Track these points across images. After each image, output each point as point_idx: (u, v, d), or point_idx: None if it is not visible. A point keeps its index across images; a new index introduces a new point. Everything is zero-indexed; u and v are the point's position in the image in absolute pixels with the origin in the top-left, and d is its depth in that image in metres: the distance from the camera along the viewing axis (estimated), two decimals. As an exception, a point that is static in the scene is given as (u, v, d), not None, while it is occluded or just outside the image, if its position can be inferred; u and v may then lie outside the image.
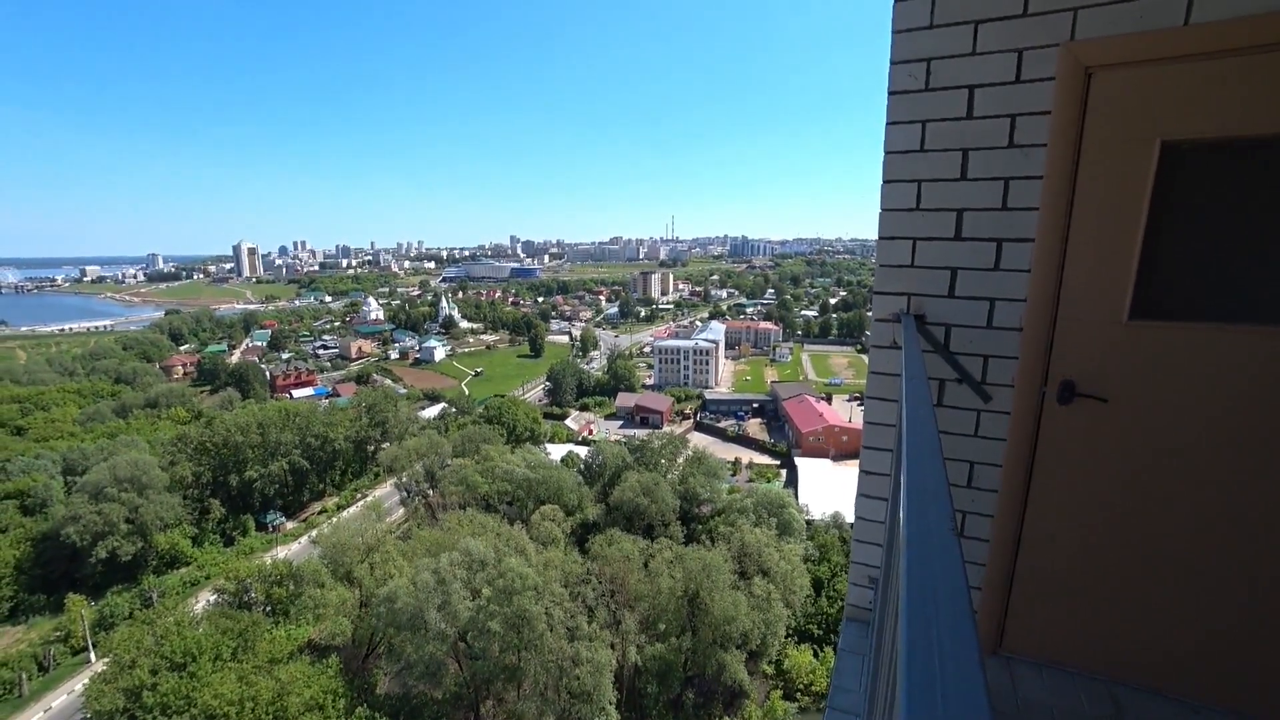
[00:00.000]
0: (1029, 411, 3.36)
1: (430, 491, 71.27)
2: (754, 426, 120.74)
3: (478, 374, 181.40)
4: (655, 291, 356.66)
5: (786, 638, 45.32)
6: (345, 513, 74.69)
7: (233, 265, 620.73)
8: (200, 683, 36.56)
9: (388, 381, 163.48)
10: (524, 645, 37.88)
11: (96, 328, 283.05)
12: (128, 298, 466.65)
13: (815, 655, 44.98)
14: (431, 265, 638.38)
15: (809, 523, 64.07)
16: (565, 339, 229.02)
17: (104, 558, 61.12)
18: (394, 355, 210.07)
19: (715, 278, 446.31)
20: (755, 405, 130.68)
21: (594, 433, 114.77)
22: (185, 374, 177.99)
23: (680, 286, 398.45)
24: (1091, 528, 3.29)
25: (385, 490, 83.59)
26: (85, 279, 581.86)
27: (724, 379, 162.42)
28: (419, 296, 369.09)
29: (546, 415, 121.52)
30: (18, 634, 56.47)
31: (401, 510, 73.64)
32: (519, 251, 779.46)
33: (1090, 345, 3.19)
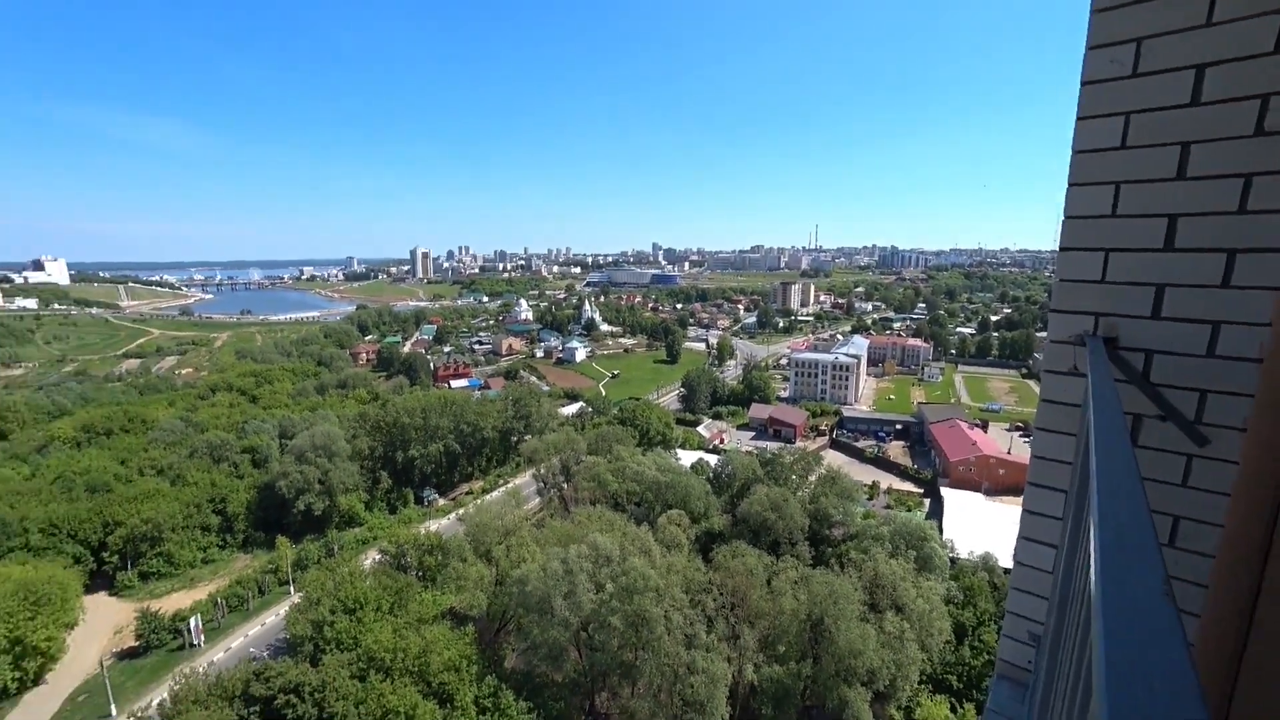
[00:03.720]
0: (1271, 462, 2.70)
1: (565, 485, 75.14)
2: (896, 449, 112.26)
3: (615, 376, 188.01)
4: (795, 302, 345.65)
5: (920, 684, 41.40)
6: (489, 496, 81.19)
7: (409, 267, 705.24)
8: (365, 627, 41.94)
9: (533, 378, 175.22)
10: (642, 645, 38.45)
11: (307, 318, 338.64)
12: (330, 294, 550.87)
13: (953, 709, 40.52)
14: (578, 270, 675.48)
15: (953, 560, 58.07)
16: (701, 346, 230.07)
17: (302, 510, 72.92)
18: (539, 354, 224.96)
19: (860, 289, 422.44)
20: (898, 426, 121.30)
21: (725, 442, 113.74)
22: (368, 360, 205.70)
23: (822, 298, 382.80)
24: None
25: (524, 480, 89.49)
26: (303, 277, 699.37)
27: (865, 396, 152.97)
28: (565, 299, 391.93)
29: (679, 421, 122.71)
30: (247, 561, 69.69)
31: (538, 499, 78.40)
32: (660, 258, 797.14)
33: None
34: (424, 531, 59.57)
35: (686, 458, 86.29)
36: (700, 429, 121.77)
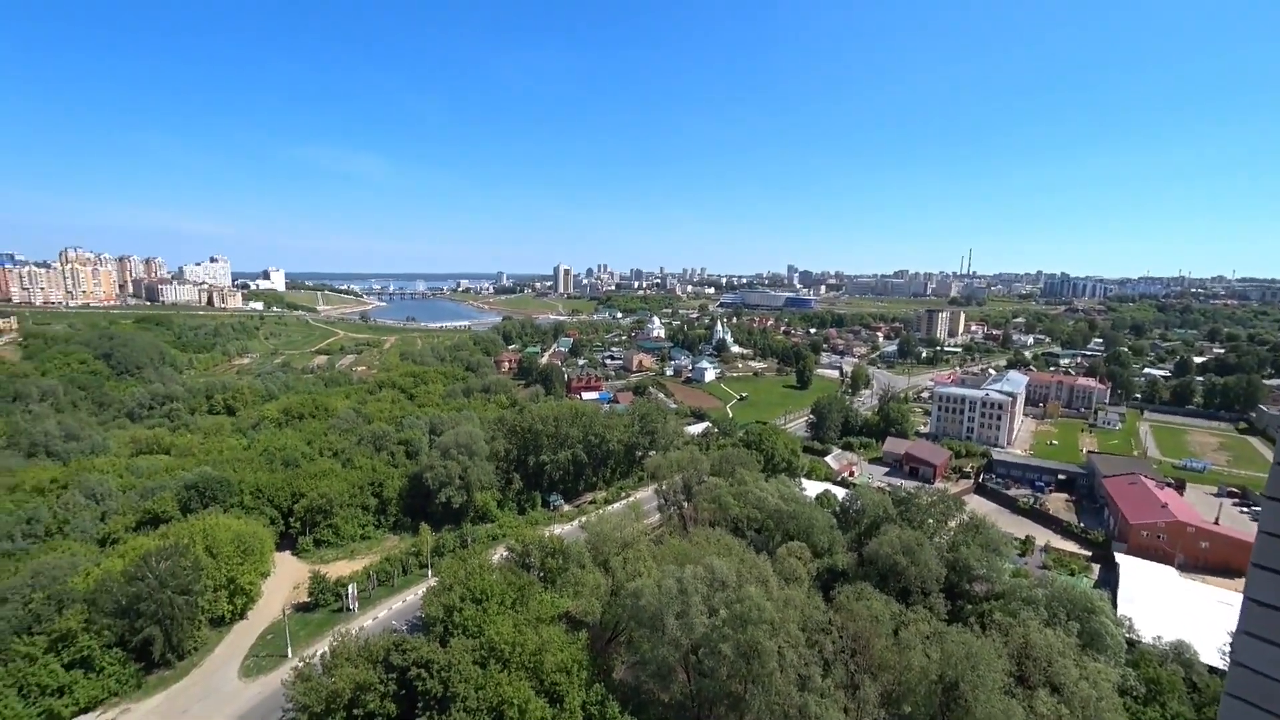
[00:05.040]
0: None
1: (685, 503, 74.88)
2: (1057, 502, 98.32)
3: (743, 398, 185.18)
4: (941, 331, 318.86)
5: (1083, 783, 35.44)
6: (610, 507, 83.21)
7: (551, 282, 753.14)
8: (489, 618, 44.71)
9: (660, 395, 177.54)
10: (752, 678, 36.97)
11: (460, 326, 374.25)
12: (481, 305, 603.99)
13: (1128, 821, 34.22)
14: (711, 291, 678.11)
15: (1131, 643, 49.31)
16: (835, 374, 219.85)
17: (443, 501, 79.96)
18: (669, 371, 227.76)
19: (1020, 320, 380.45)
20: (1061, 476, 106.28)
21: (855, 475, 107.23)
22: (509, 369, 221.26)
23: (973, 328, 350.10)
24: None
25: (646, 494, 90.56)
26: (458, 290, 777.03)
27: (1020, 439, 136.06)
28: (697, 319, 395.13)
29: (806, 449, 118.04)
30: (395, 541, 77.79)
31: (657, 515, 78.84)
32: (795, 281, 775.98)
33: None
34: (548, 534, 62.44)
35: (812, 488, 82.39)
36: (828, 459, 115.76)
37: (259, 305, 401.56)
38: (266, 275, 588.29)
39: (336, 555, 72.95)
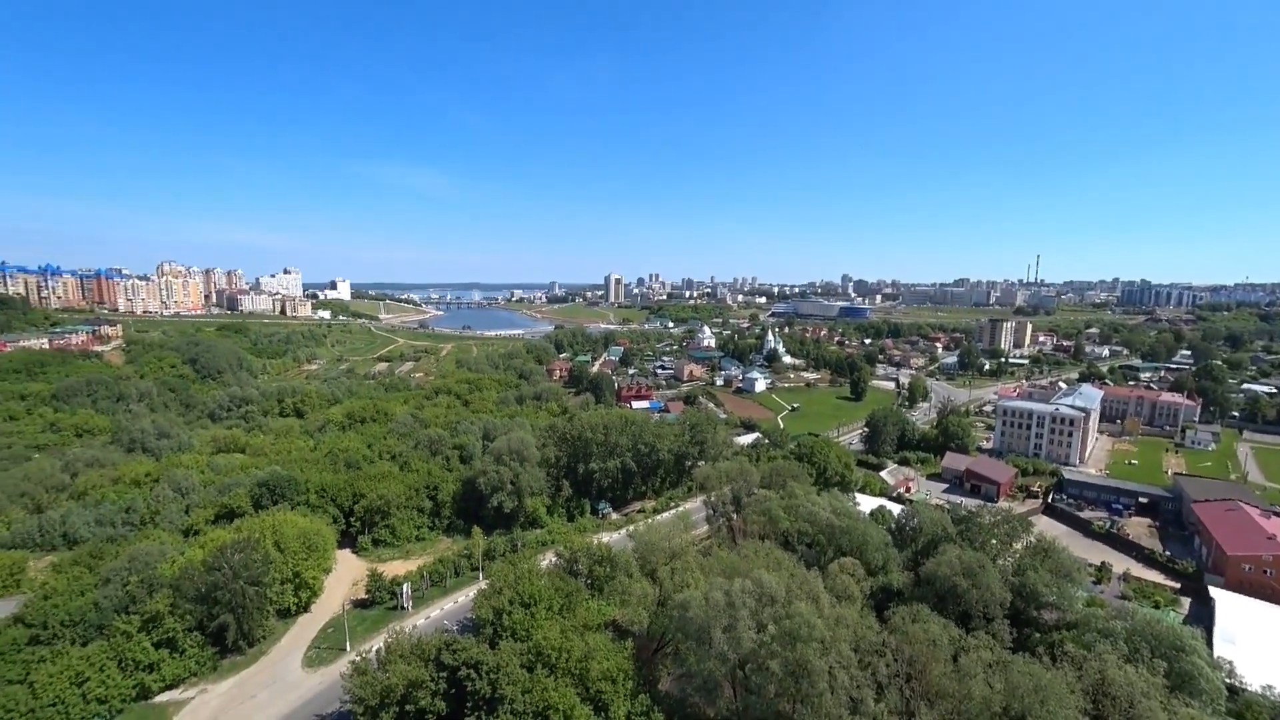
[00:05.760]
0: None
1: (734, 515, 73.92)
2: (1138, 527, 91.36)
3: (794, 409, 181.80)
4: (1006, 342, 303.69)
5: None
6: (659, 517, 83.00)
7: (603, 292, 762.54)
8: (536, 623, 45.39)
9: (711, 405, 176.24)
10: (801, 697, 36.02)
11: (514, 335, 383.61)
12: (534, 314, 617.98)
13: None
14: (762, 300, 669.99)
15: (1232, 690, 45.21)
16: (891, 385, 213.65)
17: (495, 506, 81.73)
18: (719, 381, 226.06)
19: (1094, 330, 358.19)
20: (1143, 500, 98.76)
21: (912, 491, 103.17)
22: (560, 376, 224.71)
23: (1041, 338, 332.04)
24: None
25: (694, 504, 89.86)
26: (512, 299, 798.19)
27: (1095, 458, 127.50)
28: (748, 329, 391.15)
29: (860, 463, 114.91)
30: (449, 544, 79.99)
31: (706, 527, 78.13)
32: (850, 290, 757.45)
33: None
34: (596, 542, 62.88)
35: (866, 503, 79.87)
36: (884, 474, 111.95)
37: (326, 314, 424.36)
38: (333, 285, 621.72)
39: (393, 555, 75.75)
